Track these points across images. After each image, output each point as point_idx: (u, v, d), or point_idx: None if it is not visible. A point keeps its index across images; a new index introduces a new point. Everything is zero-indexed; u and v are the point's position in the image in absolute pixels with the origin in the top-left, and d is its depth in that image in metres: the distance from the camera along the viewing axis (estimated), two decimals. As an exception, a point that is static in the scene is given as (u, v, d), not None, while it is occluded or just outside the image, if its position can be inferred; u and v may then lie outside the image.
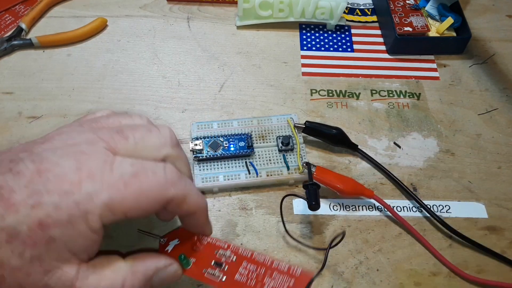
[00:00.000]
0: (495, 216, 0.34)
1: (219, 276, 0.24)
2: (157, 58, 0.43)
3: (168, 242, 0.26)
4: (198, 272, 0.24)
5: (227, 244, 0.25)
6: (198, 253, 0.25)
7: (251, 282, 0.23)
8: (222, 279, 0.24)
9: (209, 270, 0.24)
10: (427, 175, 0.36)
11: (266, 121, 0.37)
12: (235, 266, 0.24)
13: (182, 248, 0.26)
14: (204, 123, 0.37)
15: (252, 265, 0.24)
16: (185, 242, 0.26)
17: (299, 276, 0.23)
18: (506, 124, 0.40)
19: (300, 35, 0.46)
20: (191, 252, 0.25)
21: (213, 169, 0.34)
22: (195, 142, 0.34)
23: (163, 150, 0.25)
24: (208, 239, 0.26)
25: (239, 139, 0.35)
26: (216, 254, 0.25)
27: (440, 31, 0.43)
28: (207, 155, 0.34)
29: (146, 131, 0.25)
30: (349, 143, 0.36)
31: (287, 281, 0.23)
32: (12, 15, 0.46)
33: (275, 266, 0.24)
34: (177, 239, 0.26)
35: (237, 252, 0.25)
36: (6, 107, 0.39)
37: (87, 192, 0.21)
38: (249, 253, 0.24)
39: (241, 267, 0.24)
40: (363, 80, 0.43)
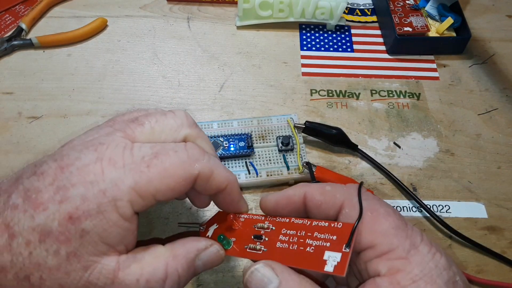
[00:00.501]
0: (495, 216, 0.34)
1: (260, 248, 0.23)
2: (157, 58, 0.43)
3: (208, 228, 0.26)
4: (239, 250, 0.24)
5: (263, 216, 0.25)
6: (237, 232, 0.25)
7: (293, 246, 0.22)
8: (264, 250, 0.23)
9: (250, 245, 0.24)
10: (427, 175, 0.36)
11: (266, 121, 0.37)
12: (275, 234, 0.24)
13: (222, 231, 0.25)
14: (204, 123, 0.37)
15: (291, 231, 0.23)
16: (223, 224, 0.26)
17: (341, 228, 0.22)
18: (506, 124, 0.40)
19: (300, 35, 0.46)
20: (230, 233, 0.25)
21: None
22: None
23: (182, 131, 0.24)
24: (245, 215, 0.26)
25: (239, 139, 0.36)
26: (255, 228, 0.25)
27: (440, 31, 0.43)
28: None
29: (161, 115, 0.24)
30: (349, 143, 0.37)
31: (330, 237, 0.22)
32: (12, 15, 0.46)
33: (315, 225, 0.23)
34: (216, 224, 0.26)
35: (275, 221, 0.24)
36: (6, 107, 0.39)
37: (111, 179, 0.20)
38: (286, 219, 0.24)
39: (281, 235, 0.23)
40: (363, 80, 0.43)
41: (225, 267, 0.31)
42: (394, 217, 0.22)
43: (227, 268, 0.31)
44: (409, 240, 0.21)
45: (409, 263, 0.20)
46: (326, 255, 0.21)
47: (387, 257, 0.21)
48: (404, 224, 0.22)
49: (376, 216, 0.22)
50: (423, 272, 0.20)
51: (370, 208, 0.22)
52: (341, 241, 0.21)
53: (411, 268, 0.20)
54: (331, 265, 0.21)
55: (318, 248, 0.22)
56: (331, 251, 0.21)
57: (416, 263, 0.20)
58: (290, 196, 0.25)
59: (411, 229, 0.22)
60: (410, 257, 0.20)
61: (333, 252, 0.21)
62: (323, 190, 0.24)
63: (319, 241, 0.22)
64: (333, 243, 0.21)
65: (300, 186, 0.25)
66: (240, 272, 0.31)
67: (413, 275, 0.20)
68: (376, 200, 0.23)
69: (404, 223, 0.22)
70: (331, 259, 0.21)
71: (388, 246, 0.21)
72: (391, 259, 0.21)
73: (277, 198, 0.25)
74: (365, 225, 0.22)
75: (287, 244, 0.23)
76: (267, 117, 0.37)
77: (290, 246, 0.23)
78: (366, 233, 0.21)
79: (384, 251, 0.21)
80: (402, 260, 0.20)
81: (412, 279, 0.20)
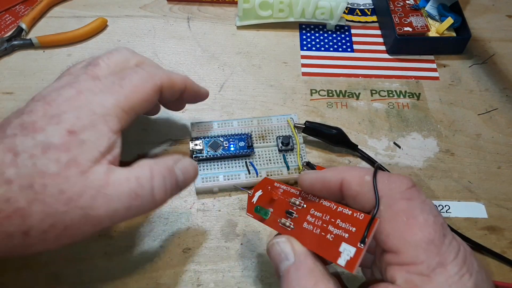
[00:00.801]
0: (495, 216, 0.34)
1: (290, 225, 0.25)
2: (157, 58, 0.43)
3: (254, 194, 0.28)
4: (274, 222, 0.26)
5: (298, 191, 0.26)
6: (275, 203, 0.27)
7: (316, 230, 0.23)
8: (292, 228, 0.25)
9: (282, 220, 0.25)
10: (427, 175, 0.36)
11: (266, 121, 0.37)
12: (304, 213, 0.25)
13: (265, 198, 0.28)
14: (204, 123, 0.37)
15: (318, 212, 0.24)
16: (266, 192, 0.28)
17: (363, 220, 0.22)
18: (506, 124, 0.40)
19: (300, 35, 0.46)
20: (270, 203, 0.27)
21: (213, 169, 0.34)
22: (195, 142, 0.35)
23: (131, 61, 0.29)
24: (283, 186, 0.27)
25: (239, 139, 0.36)
26: (289, 203, 0.26)
27: (440, 31, 0.44)
28: (207, 155, 0.34)
29: (109, 54, 0.28)
30: (349, 143, 0.37)
31: (350, 227, 0.22)
32: (12, 15, 0.46)
33: (339, 211, 0.23)
34: (261, 190, 0.28)
35: (306, 199, 0.25)
36: (6, 107, 0.39)
37: (96, 102, 0.24)
38: (316, 199, 0.25)
39: (309, 215, 0.24)
40: (363, 80, 0.43)
41: (225, 267, 0.31)
42: (432, 228, 0.20)
43: (227, 268, 0.31)
44: (439, 257, 0.20)
45: (429, 282, 0.19)
46: (342, 247, 0.21)
47: (407, 269, 0.20)
48: (441, 237, 0.20)
49: (411, 224, 0.20)
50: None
51: (408, 212, 0.21)
52: (359, 235, 0.21)
53: (430, 287, 0.19)
54: (344, 259, 0.21)
55: (337, 238, 0.22)
56: (347, 243, 0.21)
57: (437, 283, 0.19)
58: (326, 181, 0.24)
59: (448, 244, 0.20)
60: (433, 275, 0.19)
61: (348, 246, 0.21)
62: (361, 180, 0.23)
63: (339, 230, 0.22)
64: (351, 235, 0.21)
65: (339, 171, 0.24)
66: (240, 273, 0.31)
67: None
68: (419, 203, 0.21)
69: (441, 236, 0.20)
70: (345, 252, 0.21)
71: (413, 259, 0.20)
72: (411, 273, 0.20)
73: (312, 180, 0.25)
74: (397, 230, 0.21)
75: (312, 226, 0.24)
76: (267, 117, 0.37)
77: (314, 229, 0.23)
78: (394, 238, 0.20)
79: (407, 262, 0.20)
80: (423, 277, 0.19)
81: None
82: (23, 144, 0.22)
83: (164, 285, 0.30)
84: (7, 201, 0.21)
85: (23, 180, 0.21)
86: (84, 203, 0.22)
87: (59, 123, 0.23)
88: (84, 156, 0.23)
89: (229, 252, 0.32)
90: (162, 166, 0.26)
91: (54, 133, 0.23)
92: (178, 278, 0.31)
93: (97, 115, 0.24)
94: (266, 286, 0.31)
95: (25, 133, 0.22)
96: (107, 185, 0.23)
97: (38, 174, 0.22)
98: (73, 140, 0.23)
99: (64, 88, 0.25)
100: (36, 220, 0.22)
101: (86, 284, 0.30)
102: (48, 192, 0.22)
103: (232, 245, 0.32)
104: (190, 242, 0.32)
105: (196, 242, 0.32)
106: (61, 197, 0.22)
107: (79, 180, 0.23)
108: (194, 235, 0.33)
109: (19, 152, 0.22)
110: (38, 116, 0.23)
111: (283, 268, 0.22)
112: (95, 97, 0.24)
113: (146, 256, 0.31)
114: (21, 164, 0.22)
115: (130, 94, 0.25)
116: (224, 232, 0.33)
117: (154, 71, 0.28)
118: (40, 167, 0.22)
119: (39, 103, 0.24)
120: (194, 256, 0.32)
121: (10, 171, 0.21)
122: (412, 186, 0.22)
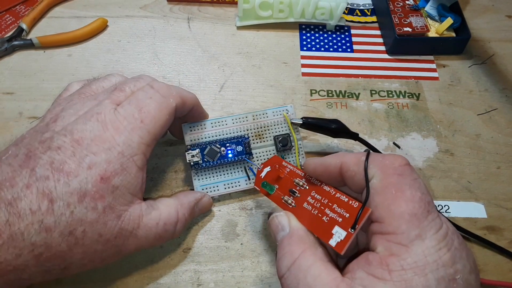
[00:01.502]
0: (494, 216, 0.35)
1: (291, 203, 0.27)
2: (158, 58, 0.43)
3: (263, 169, 0.30)
4: (278, 198, 0.28)
5: (303, 172, 0.28)
6: (281, 181, 0.29)
7: (314, 211, 0.25)
8: (293, 206, 0.27)
9: (285, 198, 0.28)
10: (427, 175, 0.37)
11: (262, 116, 0.35)
12: (306, 194, 0.27)
13: (272, 174, 0.30)
14: (197, 124, 0.33)
15: (318, 195, 0.26)
16: (274, 169, 0.30)
17: (356, 207, 0.23)
18: (506, 124, 0.40)
19: (300, 35, 0.46)
20: (277, 180, 0.29)
21: (212, 178, 0.33)
22: (191, 153, 0.32)
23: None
24: (290, 166, 0.29)
25: (236, 142, 0.34)
26: (293, 182, 0.28)
27: (440, 32, 0.44)
28: (205, 165, 0.33)
29: (135, 81, 0.29)
30: (350, 133, 0.35)
31: (344, 213, 0.24)
32: (12, 16, 0.46)
33: (337, 197, 0.25)
34: (269, 167, 0.30)
35: (309, 181, 0.27)
36: (6, 107, 0.39)
37: (123, 142, 0.25)
38: (318, 183, 0.27)
39: (310, 196, 0.26)
40: (362, 81, 0.43)
41: (225, 267, 0.31)
42: (417, 204, 0.21)
43: (227, 268, 0.31)
44: (419, 230, 0.21)
45: (406, 251, 0.20)
46: (335, 229, 0.23)
47: (388, 238, 0.21)
48: (425, 213, 0.21)
49: (398, 196, 0.22)
50: (416, 264, 0.20)
51: (396, 186, 0.22)
52: (350, 221, 0.23)
53: (406, 256, 0.20)
54: (335, 240, 0.23)
55: (332, 220, 0.24)
56: (340, 227, 0.23)
57: (414, 253, 0.20)
58: (327, 165, 0.26)
59: (431, 220, 0.21)
60: (411, 246, 0.20)
61: (340, 229, 0.23)
62: (359, 161, 0.24)
63: (335, 214, 0.24)
64: (344, 220, 0.24)
65: (339, 155, 0.26)
66: (240, 273, 0.31)
67: (405, 263, 0.20)
68: (409, 180, 0.22)
69: (424, 212, 0.21)
70: (337, 234, 0.23)
71: (394, 229, 0.21)
72: (391, 242, 0.21)
73: (315, 165, 0.27)
74: (384, 201, 0.22)
75: (311, 207, 0.26)
76: (263, 110, 0.35)
77: (312, 210, 0.26)
78: (381, 208, 0.22)
79: (389, 232, 0.21)
80: (401, 246, 0.20)
81: (402, 266, 0.20)
82: (58, 190, 0.23)
83: (164, 285, 0.31)
84: (48, 247, 0.23)
85: (63, 228, 0.23)
86: (118, 242, 0.25)
87: (91, 168, 0.24)
88: (118, 201, 0.25)
89: (229, 252, 0.32)
90: (186, 208, 0.30)
91: (88, 180, 0.24)
92: (178, 278, 0.31)
93: (126, 157, 0.25)
94: (266, 286, 0.31)
95: (58, 177, 0.23)
96: (138, 228, 0.26)
97: (77, 222, 0.23)
98: (107, 186, 0.24)
99: (90, 121, 0.25)
100: (76, 259, 0.24)
101: (86, 284, 0.30)
102: (87, 237, 0.24)
103: (232, 245, 0.32)
104: (190, 242, 0.32)
105: (196, 242, 0.33)
106: (100, 239, 0.24)
107: (115, 224, 0.25)
108: (194, 235, 0.33)
109: (55, 199, 0.23)
110: (67, 155, 0.24)
111: (279, 238, 0.25)
112: (121, 136, 0.25)
113: (146, 256, 0.32)
114: (59, 213, 0.23)
115: (151, 129, 0.27)
116: (224, 232, 0.33)
117: (166, 91, 0.28)
118: (78, 215, 0.23)
119: (67, 139, 0.24)
120: (194, 256, 0.32)
121: (48, 220, 0.22)
122: (406, 164, 0.23)
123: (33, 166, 0.23)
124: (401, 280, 0.20)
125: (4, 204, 0.22)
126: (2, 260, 0.21)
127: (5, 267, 0.22)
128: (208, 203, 0.32)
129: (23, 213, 0.22)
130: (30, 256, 0.22)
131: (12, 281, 0.22)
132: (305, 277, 0.22)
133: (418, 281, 0.19)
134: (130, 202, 0.26)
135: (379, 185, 0.23)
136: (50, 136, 0.25)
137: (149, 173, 0.35)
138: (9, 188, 0.22)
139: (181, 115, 0.31)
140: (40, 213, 0.22)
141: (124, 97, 0.27)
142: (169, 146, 0.37)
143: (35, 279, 0.24)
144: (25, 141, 0.25)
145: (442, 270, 0.20)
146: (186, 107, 0.30)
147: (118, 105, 0.27)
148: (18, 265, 0.22)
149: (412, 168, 0.23)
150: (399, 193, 0.22)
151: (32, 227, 0.22)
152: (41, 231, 0.22)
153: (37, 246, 0.22)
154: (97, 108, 0.26)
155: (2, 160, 0.24)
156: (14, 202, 0.22)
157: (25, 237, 0.22)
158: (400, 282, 0.19)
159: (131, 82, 0.29)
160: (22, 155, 0.24)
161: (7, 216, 0.22)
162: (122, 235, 0.25)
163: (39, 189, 0.22)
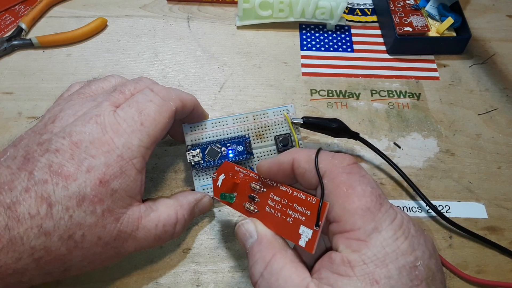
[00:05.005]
0: (495, 216, 0.34)
1: (254, 209, 0.27)
2: (157, 58, 0.43)
3: (218, 178, 0.29)
4: (240, 206, 0.27)
5: (257, 176, 0.27)
6: (238, 187, 0.28)
7: (277, 213, 0.25)
8: (256, 212, 0.26)
9: (246, 204, 0.27)
10: (427, 175, 0.36)
11: (262, 116, 0.35)
12: (265, 197, 0.26)
13: (228, 182, 0.29)
14: (197, 124, 0.33)
15: (277, 196, 0.26)
16: (228, 176, 0.29)
17: (315, 204, 0.23)
18: (506, 124, 0.40)
19: (300, 35, 0.46)
20: (234, 186, 0.28)
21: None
22: (192, 153, 0.32)
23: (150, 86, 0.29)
24: (243, 170, 0.28)
25: (236, 142, 0.33)
26: (251, 187, 0.27)
27: (440, 31, 0.43)
28: (206, 165, 0.32)
29: (135, 83, 0.29)
30: (350, 132, 0.35)
31: (305, 211, 0.24)
32: (12, 15, 0.46)
33: (295, 195, 0.25)
34: (223, 174, 0.29)
35: (265, 183, 0.27)
36: (6, 107, 0.39)
37: (122, 144, 0.25)
38: (274, 183, 0.26)
39: (269, 199, 0.26)
40: (363, 80, 0.43)
41: (225, 267, 0.31)
42: (369, 198, 0.22)
43: (227, 268, 0.31)
44: (374, 223, 0.21)
45: (365, 246, 0.21)
46: (301, 229, 0.23)
47: (347, 236, 0.21)
48: (377, 205, 0.22)
49: (350, 193, 0.22)
50: (376, 256, 0.20)
51: (347, 184, 0.22)
52: (313, 218, 0.23)
53: (366, 251, 0.20)
54: (304, 240, 0.23)
55: (296, 221, 0.24)
56: (305, 226, 0.23)
57: (372, 246, 0.20)
58: (281, 163, 0.25)
59: (384, 212, 0.21)
60: (369, 239, 0.21)
61: (306, 228, 0.23)
62: (309, 158, 0.24)
63: (297, 214, 0.24)
64: (307, 218, 0.24)
65: (290, 152, 0.25)
66: (240, 273, 0.31)
67: (365, 257, 0.20)
68: (357, 176, 0.23)
69: (377, 205, 0.22)
70: (304, 234, 0.23)
71: (351, 226, 0.21)
72: (350, 239, 0.21)
73: (270, 164, 0.26)
74: (338, 200, 0.22)
75: (273, 210, 0.26)
76: (263, 110, 0.35)
77: (275, 212, 0.25)
78: (337, 207, 0.22)
79: (346, 229, 0.21)
80: (360, 242, 0.21)
81: (363, 260, 0.20)
82: (56, 194, 0.23)
83: (164, 285, 0.30)
84: (48, 251, 0.23)
85: (62, 232, 0.23)
86: (117, 244, 0.25)
87: (89, 172, 0.24)
88: (117, 204, 0.25)
89: (229, 252, 0.32)
90: (186, 209, 0.29)
91: (86, 184, 0.23)
92: (178, 278, 0.31)
93: (125, 160, 0.25)
94: (266, 286, 0.31)
95: (56, 181, 0.23)
96: (137, 230, 0.26)
97: (76, 226, 0.23)
98: (106, 190, 0.24)
99: (89, 123, 0.25)
100: (76, 261, 0.24)
101: (85, 284, 0.30)
102: (87, 240, 0.24)
103: (232, 245, 0.32)
104: (190, 242, 0.32)
105: (196, 242, 0.32)
106: (99, 242, 0.24)
107: (114, 226, 0.25)
108: (194, 236, 0.33)
109: (54, 203, 0.22)
110: (65, 158, 0.24)
111: (248, 245, 0.25)
112: (121, 139, 0.25)
113: (146, 256, 0.31)
114: (57, 217, 0.23)
115: (151, 132, 0.26)
116: (224, 232, 0.33)
117: (166, 94, 0.28)
118: (77, 219, 0.23)
119: (65, 142, 0.24)
120: (194, 257, 0.32)
121: (48, 224, 0.22)
122: (353, 163, 0.24)
123: (31, 169, 0.23)
124: (364, 274, 0.20)
125: (3, 208, 0.22)
126: (2, 264, 0.21)
127: (5, 271, 0.22)
128: (208, 204, 0.32)
129: (22, 218, 0.22)
130: (30, 260, 0.22)
131: (12, 284, 0.22)
132: (277, 280, 0.22)
133: (380, 272, 0.20)
134: (129, 204, 0.26)
135: (331, 185, 0.23)
136: (49, 138, 0.24)
137: (149, 173, 0.35)
138: (8, 191, 0.22)
139: (181, 118, 0.31)
140: (39, 217, 0.22)
141: (123, 99, 0.27)
142: (169, 146, 0.37)
143: (35, 282, 0.24)
144: (23, 143, 0.25)
145: (402, 259, 0.20)
146: (186, 110, 0.30)
147: (117, 107, 0.27)
148: (18, 269, 0.22)
149: (359, 166, 0.24)
150: (350, 190, 0.22)
151: (31, 232, 0.22)
152: (40, 235, 0.22)
153: (37, 250, 0.22)
154: (96, 110, 0.26)
155: (0, 162, 0.24)
156: (13, 206, 0.22)
157: (24, 241, 0.22)
158: (363, 276, 0.20)
159: (130, 85, 0.28)
160: (20, 157, 0.24)
161: (6, 220, 0.21)
162: (121, 238, 0.25)
163: (38, 193, 0.22)
